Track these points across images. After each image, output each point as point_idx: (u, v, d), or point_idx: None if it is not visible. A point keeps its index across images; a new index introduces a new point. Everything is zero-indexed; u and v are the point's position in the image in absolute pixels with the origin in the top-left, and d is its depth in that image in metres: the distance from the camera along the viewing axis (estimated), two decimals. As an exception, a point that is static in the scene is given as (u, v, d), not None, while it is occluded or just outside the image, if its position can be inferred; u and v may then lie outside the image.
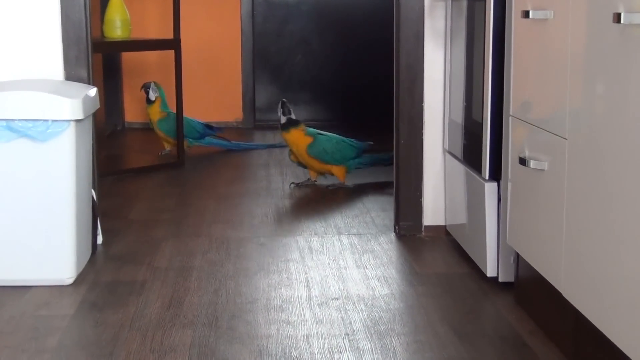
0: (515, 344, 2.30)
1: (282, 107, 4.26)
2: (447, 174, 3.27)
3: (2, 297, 2.65)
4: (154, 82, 5.03)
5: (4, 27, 3.14)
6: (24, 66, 3.15)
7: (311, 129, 4.32)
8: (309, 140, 4.22)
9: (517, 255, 2.55)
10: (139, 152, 5.24)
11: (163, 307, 2.57)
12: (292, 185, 4.26)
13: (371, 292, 2.70)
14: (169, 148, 5.03)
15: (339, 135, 4.35)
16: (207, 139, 5.24)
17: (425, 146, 3.31)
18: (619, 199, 1.76)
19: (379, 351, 2.25)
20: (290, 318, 2.49)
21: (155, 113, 4.98)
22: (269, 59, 6.29)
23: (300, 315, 2.51)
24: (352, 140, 4.33)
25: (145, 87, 5.00)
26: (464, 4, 2.94)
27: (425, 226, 3.34)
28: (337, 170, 4.21)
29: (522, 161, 2.29)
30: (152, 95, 4.96)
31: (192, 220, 3.59)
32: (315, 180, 4.28)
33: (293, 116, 4.29)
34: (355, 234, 3.37)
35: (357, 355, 2.23)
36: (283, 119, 4.26)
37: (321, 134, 4.27)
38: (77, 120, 2.72)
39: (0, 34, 3.14)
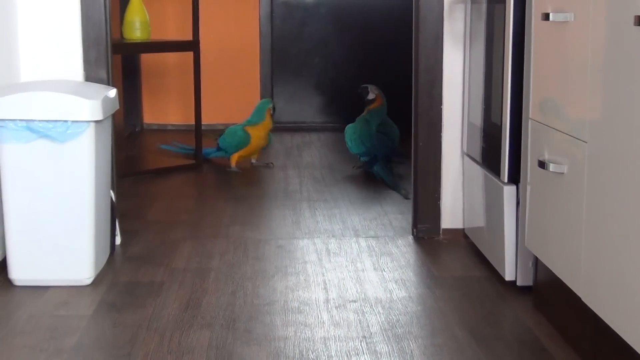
0: (534, 348, 2.29)
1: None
2: (465, 177, 3.26)
3: (21, 297, 2.66)
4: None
5: (25, 29, 3.16)
6: (44, 67, 3.17)
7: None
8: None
9: (536, 259, 2.54)
10: (157, 153, 5.25)
11: (181, 308, 2.57)
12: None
13: (389, 295, 2.70)
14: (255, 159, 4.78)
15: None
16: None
17: (444, 148, 3.30)
18: (639, 202, 1.75)
19: (396, 354, 2.25)
20: (307, 320, 2.49)
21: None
22: (287, 61, 6.29)
23: (318, 318, 2.51)
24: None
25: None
26: (484, 6, 2.93)
27: (443, 229, 3.33)
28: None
29: (542, 164, 2.28)
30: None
31: (210, 222, 3.60)
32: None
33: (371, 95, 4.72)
34: (372, 237, 3.37)
35: (375, 358, 2.23)
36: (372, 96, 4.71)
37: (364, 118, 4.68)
38: (97, 121, 2.73)
39: (21, 35, 3.16)
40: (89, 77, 3.16)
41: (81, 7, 3.14)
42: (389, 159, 4.48)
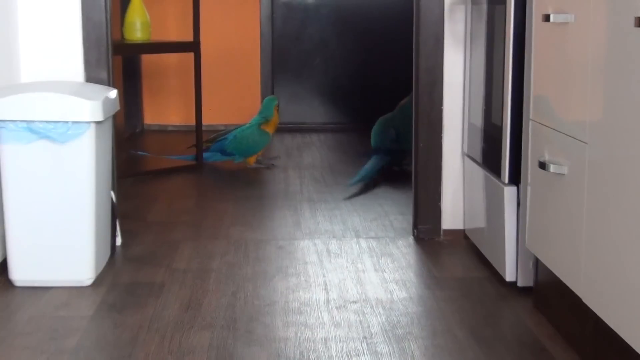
0: (534, 349, 2.29)
1: None
2: (466, 178, 3.26)
3: (22, 298, 2.66)
4: None
5: (26, 29, 3.16)
6: (45, 68, 3.17)
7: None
8: None
9: (536, 260, 2.54)
10: (158, 154, 5.24)
11: (181, 309, 2.57)
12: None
13: (389, 296, 2.70)
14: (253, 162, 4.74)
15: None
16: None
17: (445, 149, 3.30)
18: (640, 203, 1.75)
19: (397, 355, 2.25)
20: (308, 321, 2.49)
21: None
22: (288, 62, 6.29)
23: (318, 318, 2.51)
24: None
25: None
26: (484, 7, 2.93)
27: (444, 230, 3.33)
28: None
29: (542, 165, 2.28)
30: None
31: (210, 223, 3.60)
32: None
33: None
34: (373, 237, 3.37)
35: (376, 358, 2.23)
36: None
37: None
38: (97, 122, 2.73)
39: (22, 36, 3.16)
40: (90, 77, 3.17)
41: (82, 7, 3.14)
42: (402, 156, 4.51)
